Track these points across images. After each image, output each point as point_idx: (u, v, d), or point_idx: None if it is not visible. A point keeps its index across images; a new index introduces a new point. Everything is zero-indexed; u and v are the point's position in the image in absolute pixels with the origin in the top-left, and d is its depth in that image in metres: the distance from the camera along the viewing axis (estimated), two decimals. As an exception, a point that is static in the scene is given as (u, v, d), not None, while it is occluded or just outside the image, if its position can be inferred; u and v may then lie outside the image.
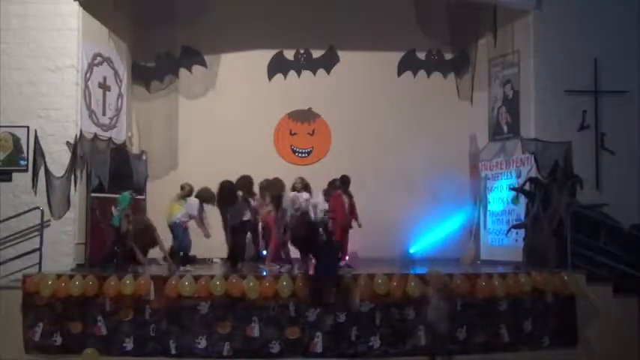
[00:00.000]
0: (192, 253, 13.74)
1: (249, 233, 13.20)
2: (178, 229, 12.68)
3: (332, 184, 13.36)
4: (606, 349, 11.36)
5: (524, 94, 14.35)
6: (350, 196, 13.15)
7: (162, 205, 13.79)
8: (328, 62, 16.35)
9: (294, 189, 13.05)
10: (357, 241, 13.58)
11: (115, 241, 12.63)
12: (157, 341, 10.91)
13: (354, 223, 13.19)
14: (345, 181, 13.24)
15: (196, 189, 13.00)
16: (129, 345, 10.90)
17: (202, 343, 10.89)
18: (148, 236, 12.83)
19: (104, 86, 14.18)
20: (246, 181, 13.07)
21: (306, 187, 13.16)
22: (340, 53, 16.27)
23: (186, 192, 13.41)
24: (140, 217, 13.18)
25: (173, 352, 10.88)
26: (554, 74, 13.85)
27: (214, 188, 12.76)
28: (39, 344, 11.04)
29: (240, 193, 12.82)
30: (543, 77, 13.93)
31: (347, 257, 13.09)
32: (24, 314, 11.20)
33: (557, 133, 13.37)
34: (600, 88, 13.92)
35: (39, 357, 10.91)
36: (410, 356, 10.75)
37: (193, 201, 12.67)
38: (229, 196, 12.58)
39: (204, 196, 12.61)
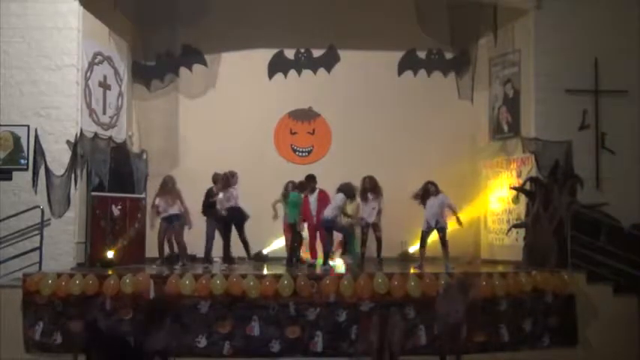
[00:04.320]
0: (192, 252, 13.80)
1: None
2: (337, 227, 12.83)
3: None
4: (606, 348, 11.36)
5: (525, 94, 14.36)
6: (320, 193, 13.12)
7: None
8: (329, 61, 16.34)
9: (228, 184, 13.05)
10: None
11: (293, 239, 13.26)
12: (157, 340, 10.90)
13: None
14: (306, 179, 13.25)
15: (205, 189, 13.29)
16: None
17: (202, 342, 10.89)
18: None
19: (104, 85, 14.18)
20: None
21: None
22: (341, 52, 16.27)
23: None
24: None
25: (173, 350, 10.89)
26: (555, 73, 13.84)
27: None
28: (39, 343, 11.05)
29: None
30: (544, 76, 13.93)
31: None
32: (24, 313, 11.20)
33: (558, 132, 13.36)
34: (601, 87, 13.92)
35: (39, 356, 10.92)
36: (410, 355, 10.72)
37: (340, 196, 12.79)
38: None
39: (348, 190, 12.81)
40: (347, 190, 12.87)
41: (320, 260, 13.03)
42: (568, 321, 11.68)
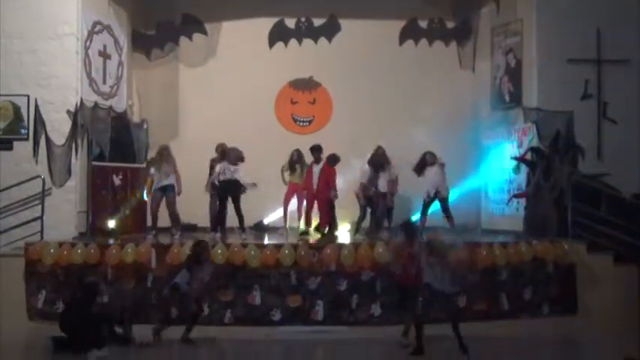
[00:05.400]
0: (194, 221, 13.83)
1: None
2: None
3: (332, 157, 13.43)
4: (606, 317, 11.41)
5: (527, 63, 14.27)
6: (329, 167, 13.21)
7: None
8: (329, 31, 16.16)
9: (224, 158, 12.96)
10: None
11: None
12: (159, 309, 10.96)
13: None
14: (312, 150, 13.32)
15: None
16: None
17: (204, 310, 10.94)
18: None
19: (104, 54, 14.10)
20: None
21: (238, 160, 12.98)
22: (342, 22, 16.08)
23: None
24: None
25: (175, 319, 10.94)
26: (557, 43, 13.76)
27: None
28: (42, 311, 11.13)
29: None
30: (546, 46, 13.85)
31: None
32: (27, 282, 11.27)
33: (560, 102, 13.30)
34: (603, 57, 13.83)
35: (42, 324, 10.97)
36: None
37: (365, 168, 13.00)
38: None
39: (376, 161, 12.97)
40: (376, 161, 12.94)
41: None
42: (568, 290, 11.75)
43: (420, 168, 13.16)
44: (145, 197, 13.45)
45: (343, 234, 13.76)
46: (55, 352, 9.39)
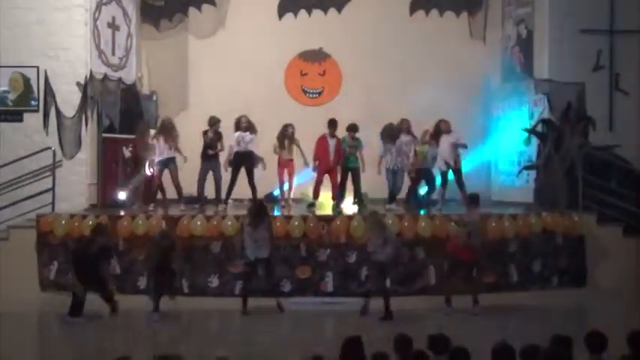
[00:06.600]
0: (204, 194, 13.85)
1: None
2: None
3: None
4: (615, 289, 11.44)
5: (538, 34, 14.13)
6: (337, 139, 13.21)
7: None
8: (339, 1, 16.04)
9: (238, 128, 12.96)
10: (367, 183, 13.61)
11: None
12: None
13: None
14: (330, 124, 13.25)
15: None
16: (142, 283, 11.04)
17: (214, 282, 11.05)
18: None
19: (113, 26, 14.03)
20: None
21: (250, 127, 12.99)
22: (351, -8, 16.01)
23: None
24: None
25: (186, 290, 11.04)
26: (569, 13, 13.61)
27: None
28: (54, 282, 11.27)
29: None
30: (558, 16, 13.70)
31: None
32: (39, 253, 11.39)
33: (571, 73, 13.20)
34: (616, 27, 13.67)
35: (54, 294, 11.09)
36: (419, 295, 10.87)
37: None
38: None
39: (387, 134, 13.07)
40: (387, 134, 13.07)
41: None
42: (577, 262, 11.78)
43: (436, 136, 13.09)
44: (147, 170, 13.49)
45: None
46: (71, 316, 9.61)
